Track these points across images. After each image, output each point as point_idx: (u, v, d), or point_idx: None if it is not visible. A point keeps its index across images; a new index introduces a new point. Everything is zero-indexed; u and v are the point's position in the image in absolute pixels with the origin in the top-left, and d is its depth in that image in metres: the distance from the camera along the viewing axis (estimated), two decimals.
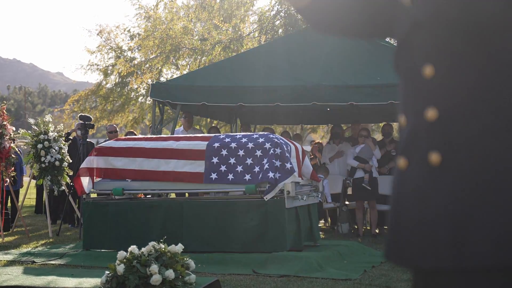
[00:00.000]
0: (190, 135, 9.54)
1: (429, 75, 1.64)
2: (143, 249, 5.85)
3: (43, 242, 10.14)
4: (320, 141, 14.83)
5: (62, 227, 11.57)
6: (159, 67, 22.93)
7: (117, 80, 24.86)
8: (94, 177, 8.87)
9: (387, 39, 12.12)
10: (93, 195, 9.18)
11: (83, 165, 8.91)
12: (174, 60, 22.61)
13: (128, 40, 24.80)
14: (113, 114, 26.20)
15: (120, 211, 8.66)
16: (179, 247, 5.95)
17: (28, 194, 12.80)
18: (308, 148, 14.45)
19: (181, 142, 8.68)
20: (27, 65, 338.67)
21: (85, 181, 8.78)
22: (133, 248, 5.85)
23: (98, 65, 25.43)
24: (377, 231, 11.54)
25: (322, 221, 13.15)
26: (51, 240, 10.38)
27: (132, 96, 25.36)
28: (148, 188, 8.86)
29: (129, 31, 24.73)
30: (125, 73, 23.32)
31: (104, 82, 25.34)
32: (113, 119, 26.38)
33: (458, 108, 1.61)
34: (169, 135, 10.17)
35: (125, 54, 24.86)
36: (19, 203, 11.95)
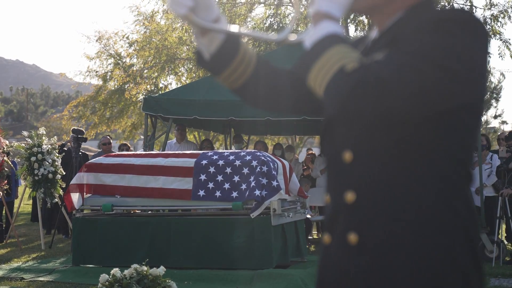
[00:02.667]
0: (179, 152, 9.63)
1: (348, 160, 1.76)
2: (125, 272, 5.94)
3: (34, 255, 10.24)
4: (313, 152, 14.95)
5: (55, 238, 11.68)
6: (155, 77, 23.05)
7: (115, 86, 24.97)
8: (84, 193, 8.97)
9: None
10: (86, 211, 9.29)
11: (73, 181, 9.01)
12: (169, 71, 22.71)
13: (127, 46, 24.93)
14: (112, 120, 26.31)
15: (109, 227, 8.77)
16: (161, 270, 6.05)
17: (25, 200, 12.90)
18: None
19: (170, 159, 8.79)
20: (30, 66, 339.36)
21: (75, 197, 8.89)
22: (115, 271, 5.94)
23: (97, 71, 25.56)
24: None
25: (315, 232, 13.24)
26: (42, 253, 10.48)
27: (130, 102, 25.51)
28: (137, 204, 8.97)
29: (127, 37, 24.87)
30: (121, 83, 23.45)
31: (103, 88, 25.46)
32: (112, 124, 26.50)
33: (373, 193, 1.73)
34: (158, 152, 10.26)
35: (124, 60, 24.98)
36: (14, 213, 12.09)
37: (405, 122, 1.63)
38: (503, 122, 48.49)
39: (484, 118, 44.33)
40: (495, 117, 46.08)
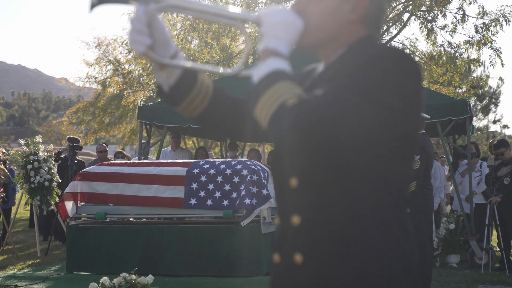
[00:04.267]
0: (171, 161, 9.76)
1: (294, 186, 1.91)
2: (114, 280, 6.09)
3: (30, 262, 10.38)
4: None
5: (52, 244, 11.82)
6: (152, 84, 23.21)
7: (114, 93, 25.13)
8: (78, 201, 9.11)
9: None
10: (84, 219, 9.43)
11: (67, 190, 9.15)
12: None
13: (126, 53, 25.09)
14: (111, 125, 26.47)
15: (103, 235, 8.90)
16: (149, 278, 6.19)
17: (22, 207, 13.04)
18: None
19: (162, 168, 8.92)
20: (31, 70, 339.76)
21: (69, 205, 9.02)
22: (104, 279, 6.08)
23: (96, 77, 25.73)
24: None
25: None
26: (38, 260, 10.62)
27: (129, 108, 25.66)
28: (130, 212, 9.09)
29: (126, 44, 25.01)
30: (118, 91, 23.60)
31: (102, 94, 25.61)
32: (111, 130, 26.66)
33: (317, 217, 1.88)
34: (151, 161, 10.39)
35: (123, 67, 25.15)
36: (11, 219, 12.25)
37: (342, 153, 1.77)
38: (505, 126, 48.61)
39: (484, 123, 44.40)
40: (494, 122, 46.20)
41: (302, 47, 2.02)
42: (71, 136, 12.47)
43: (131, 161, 10.73)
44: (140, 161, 10.56)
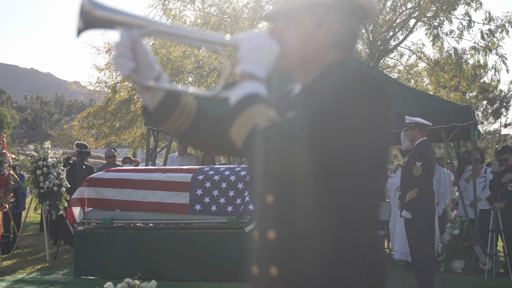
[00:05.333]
0: (176, 167, 9.87)
1: (270, 202, 2.02)
2: (118, 285, 6.20)
3: (39, 266, 10.52)
4: None
5: (61, 248, 11.97)
6: None
7: (124, 97, 25.29)
8: (85, 207, 9.25)
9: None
10: (93, 224, 9.56)
11: (74, 196, 9.29)
12: (176, 82, 23.01)
13: None
14: (121, 130, 26.63)
15: (109, 240, 9.03)
16: (153, 284, 6.30)
17: (32, 211, 13.19)
18: None
19: (167, 174, 9.05)
20: (44, 74, 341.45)
21: (76, 210, 9.17)
22: (108, 285, 6.19)
23: (106, 82, 25.90)
24: None
25: None
26: (47, 264, 10.76)
27: (139, 112, 25.79)
28: (136, 218, 9.22)
29: None
30: (127, 96, 23.76)
31: (113, 99, 25.78)
32: (121, 134, 26.82)
33: (291, 232, 1.99)
34: (156, 167, 10.52)
35: None
36: (21, 223, 12.42)
37: (311, 174, 1.88)
38: None
39: (495, 127, 44.25)
40: (505, 125, 45.98)
41: (279, 70, 2.12)
42: (79, 142, 12.62)
43: (137, 167, 10.86)
44: (146, 167, 10.69)
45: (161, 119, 2.23)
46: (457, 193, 12.59)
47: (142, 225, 9.66)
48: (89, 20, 2.03)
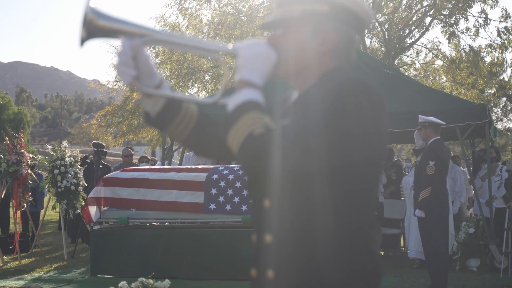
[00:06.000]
0: (191, 166, 9.94)
1: (267, 206, 2.08)
2: (132, 285, 6.28)
3: (57, 265, 10.65)
4: None
5: (79, 247, 12.12)
6: (179, 88, 23.46)
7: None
8: (102, 206, 9.36)
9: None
10: (111, 223, 9.67)
11: (91, 195, 9.40)
12: (194, 80, 23.10)
13: (153, 56, 25.36)
14: (139, 128, 26.76)
15: (125, 239, 9.13)
16: (166, 283, 6.37)
17: (50, 210, 13.33)
18: None
19: (182, 174, 9.12)
20: (64, 72, 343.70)
21: (93, 210, 9.27)
22: (122, 284, 6.28)
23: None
24: (381, 253, 11.88)
25: None
26: (64, 263, 10.89)
27: None
28: (152, 217, 9.31)
29: (154, 48, 25.29)
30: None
31: (131, 98, 25.91)
32: (139, 133, 26.96)
33: (287, 236, 2.05)
34: (171, 167, 10.60)
35: None
36: (40, 222, 12.58)
37: (305, 178, 1.93)
38: None
39: None
40: None
41: (277, 77, 2.18)
42: (95, 142, 12.74)
43: (153, 167, 10.95)
44: (162, 166, 10.78)
45: (163, 125, 2.29)
46: (473, 191, 12.57)
47: (158, 224, 9.75)
48: (92, 29, 2.09)
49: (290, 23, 2.15)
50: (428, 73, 21.80)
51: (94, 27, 2.09)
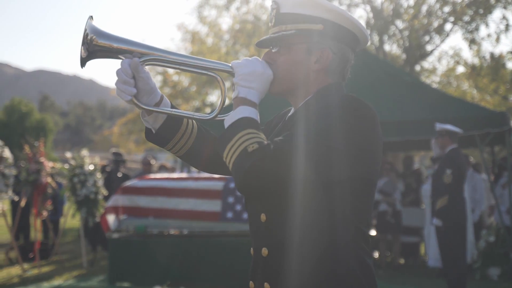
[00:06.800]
0: (208, 175, 9.97)
1: (263, 220, 2.12)
2: None
3: (76, 273, 10.72)
4: None
5: (100, 255, 12.20)
6: (203, 94, 23.57)
7: None
8: (120, 215, 9.42)
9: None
10: (131, 232, 9.73)
11: (109, 204, 9.46)
12: (210, 90, 23.19)
13: None
14: None
15: (143, 247, 9.16)
16: None
17: (70, 217, 13.45)
18: None
19: (200, 182, 9.17)
20: (86, 81, 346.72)
21: (111, 218, 9.34)
22: None
23: None
24: (402, 261, 11.81)
25: None
26: (84, 271, 10.96)
27: None
28: (169, 226, 9.35)
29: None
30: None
31: None
32: None
33: (282, 250, 2.10)
34: (189, 175, 10.64)
35: (172, 78, 25.58)
36: (60, 230, 12.68)
37: (298, 193, 1.96)
38: None
39: None
40: None
41: (273, 94, 2.21)
42: (114, 151, 12.83)
43: (170, 176, 11.00)
44: (179, 175, 10.82)
45: (162, 141, 2.33)
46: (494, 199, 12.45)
47: (175, 232, 9.79)
48: (92, 48, 2.12)
49: (286, 41, 2.19)
50: (451, 81, 21.64)
51: (94, 46, 2.11)
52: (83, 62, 2.14)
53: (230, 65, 2.16)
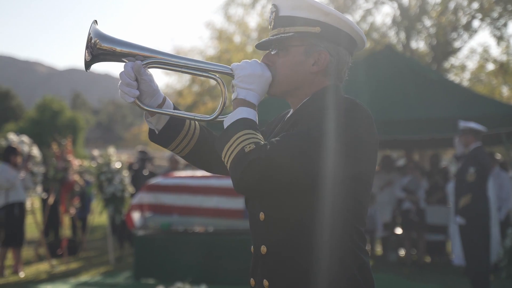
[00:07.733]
0: None
1: (262, 219, 2.17)
2: None
3: (103, 269, 10.87)
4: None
5: (128, 252, 12.35)
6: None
7: (189, 102, 25.67)
8: (145, 212, 9.54)
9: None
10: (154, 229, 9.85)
11: (134, 202, 9.58)
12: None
13: None
14: None
15: (167, 244, 9.26)
16: None
17: (98, 215, 13.61)
18: None
19: (223, 180, 9.24)
20: (118, 80, 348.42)
21: (136, 216, 9.45)
22: None
23: (175, 88, 26.33)
24: (427, 260, 11.76)
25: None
26: (111, 268, 11.09)
27: None
28: (193, 223, 9.44)
29: (201, 52, 25.54)
30: (191, 102, 24.12)
31: (177, 103, 26.18)
32: None
33: (280, 248, 2.16)
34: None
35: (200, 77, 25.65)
36: (87, 227, 12.86)
37: (295, 192, 2.01)
38: None
39: None
40: None
41: (272, 95, 2.25)
42: (140, 150, 12.96)
43: (194, 173, 11.08)
44: (203, 173, 10.90)
45: (165, 142, 2.40)
46: None
47: (200, 230, 9.88)
48: (96, 52, 2.18)
49: (284, 44, 2.23)
50: (482, 78, 21.37)
51: (98, 49, 2.18)
52: (87, 65, 2.20)
53: (230, 67, 2.21)
